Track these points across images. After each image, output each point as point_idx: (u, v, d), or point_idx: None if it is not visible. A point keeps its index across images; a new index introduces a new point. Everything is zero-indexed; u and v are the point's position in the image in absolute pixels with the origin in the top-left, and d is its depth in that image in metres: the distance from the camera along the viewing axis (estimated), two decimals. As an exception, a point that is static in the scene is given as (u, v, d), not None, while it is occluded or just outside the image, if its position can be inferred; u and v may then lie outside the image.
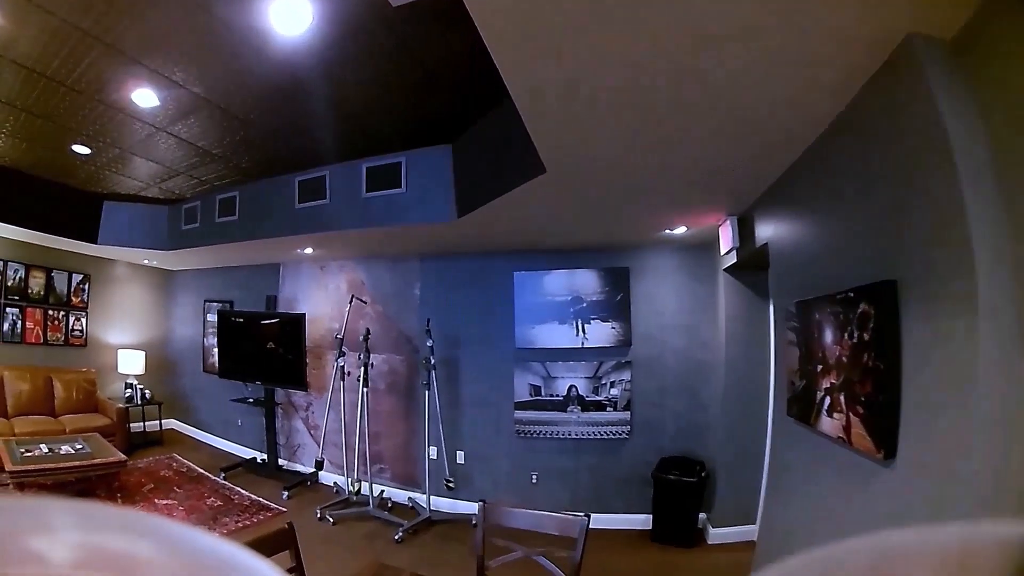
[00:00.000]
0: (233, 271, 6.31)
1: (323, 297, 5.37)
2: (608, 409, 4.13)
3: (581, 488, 4.18)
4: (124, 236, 5.38)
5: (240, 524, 3.99)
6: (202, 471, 5.21)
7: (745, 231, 3.14)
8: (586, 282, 4.29)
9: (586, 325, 4.24)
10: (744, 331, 3.60)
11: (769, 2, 1.31)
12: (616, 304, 4.19)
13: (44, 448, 4.04)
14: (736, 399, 3.60)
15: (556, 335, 4.30)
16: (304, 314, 5.05)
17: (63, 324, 5.89)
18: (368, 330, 4.42)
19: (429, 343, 4.20)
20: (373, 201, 3.70)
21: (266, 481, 5.03)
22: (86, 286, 6.17)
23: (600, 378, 4.19)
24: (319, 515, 4.12)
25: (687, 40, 1.47)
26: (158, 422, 6.29)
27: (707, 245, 3.90)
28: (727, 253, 3.39)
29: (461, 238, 3.96)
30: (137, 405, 6.04)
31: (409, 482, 4.74)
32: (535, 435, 4.30)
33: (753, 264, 3.26)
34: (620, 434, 4.11)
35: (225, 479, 5.00)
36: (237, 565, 0.21)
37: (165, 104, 3.13)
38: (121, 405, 5.71)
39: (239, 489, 4.76)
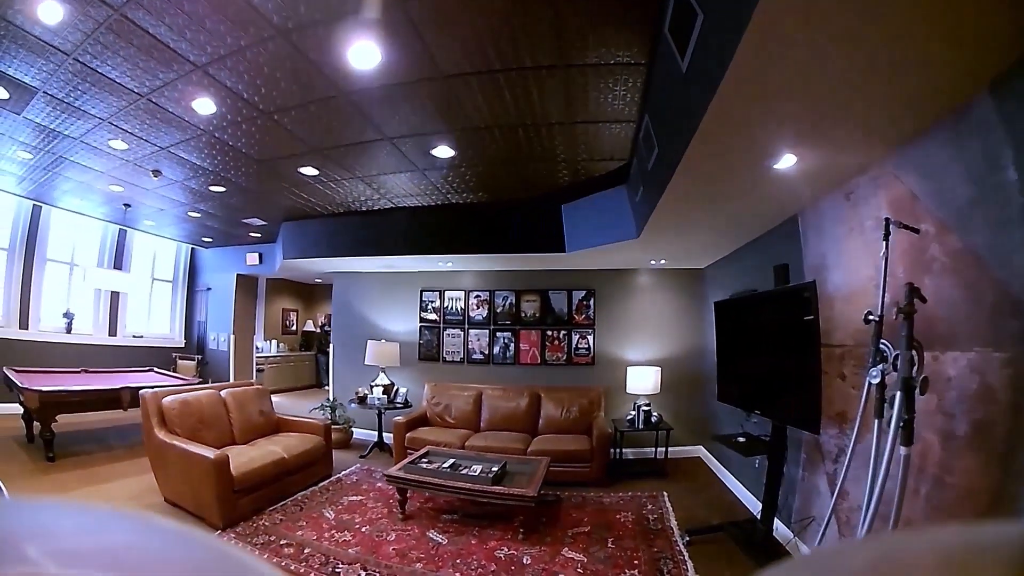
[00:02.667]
0: (753, 247, 4.48)
1: (860, 248, 2.78)
2: None
3: None
4: (588, 237, 4.90)
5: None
6: (671, 526, 3.85)
7: None
8: None
9: None
10: None
11: None
12: None
13: (447, 463, 3.94)
14: None
15: None
16: (813, 282, 2.79)
17: (565, 343, 6.15)
18: (909, 300, 1.94)
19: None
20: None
21: (740, 563, 3.11)
22: (591, 302, 6.12)
23: None
24: None
25: None
26: (664, 449, 5.48)
27: None
28: None
29: None
30: (637, 430, 5.49)
31: None
32: None
33: None
34: None
35: (688, 544, 3.46)
36: (237, 564, 0.22)
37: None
38: (611, 429, 5.29)
39: (688, 567, 3.10)
